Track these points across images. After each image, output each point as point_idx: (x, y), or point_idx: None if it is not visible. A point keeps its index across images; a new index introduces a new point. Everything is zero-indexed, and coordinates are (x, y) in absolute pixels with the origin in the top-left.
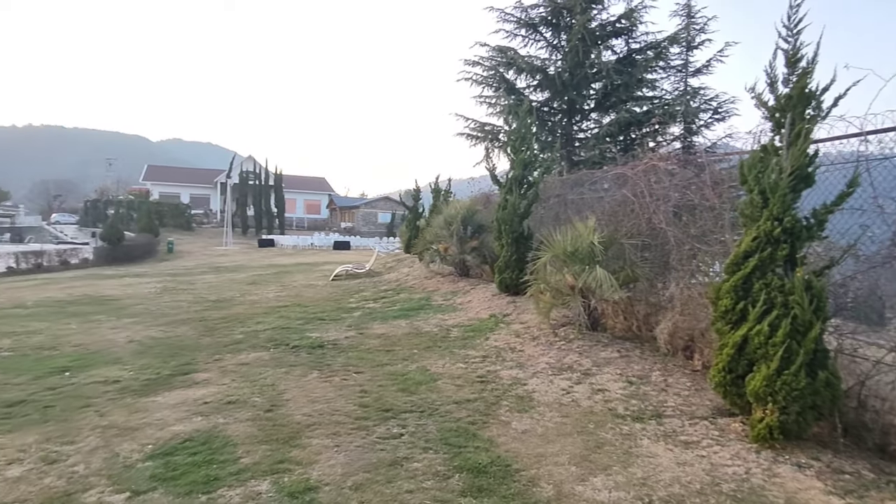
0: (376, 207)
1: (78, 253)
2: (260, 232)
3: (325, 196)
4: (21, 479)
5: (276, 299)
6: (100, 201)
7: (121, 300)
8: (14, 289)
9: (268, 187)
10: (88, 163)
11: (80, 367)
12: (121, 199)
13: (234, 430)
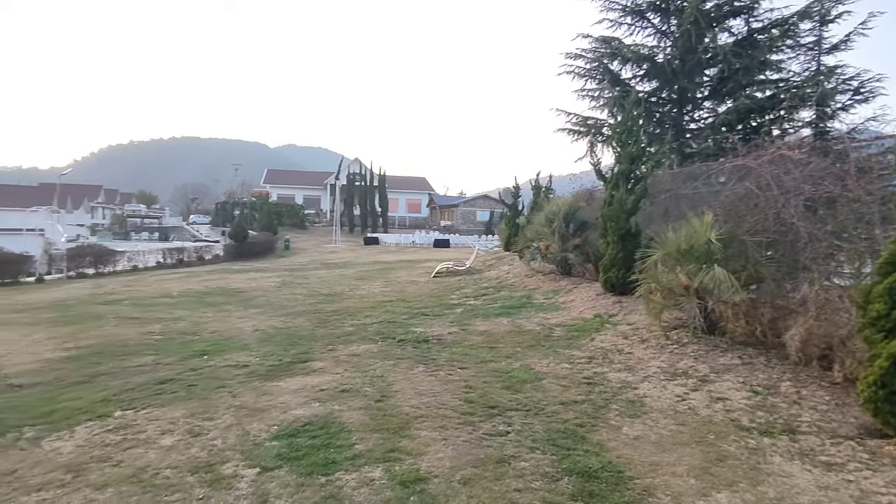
0: (475, 206)
1: (211, 249)
2: (365, 230)
3: (425, 195)
4: (172, 449)
5: (381, 294)
6: (228, 203)
7: (247, 292)
8: (162, 281)
9: (372, 188)
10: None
11: (215, 351)
12: (245, 200)
13: (348, 418)
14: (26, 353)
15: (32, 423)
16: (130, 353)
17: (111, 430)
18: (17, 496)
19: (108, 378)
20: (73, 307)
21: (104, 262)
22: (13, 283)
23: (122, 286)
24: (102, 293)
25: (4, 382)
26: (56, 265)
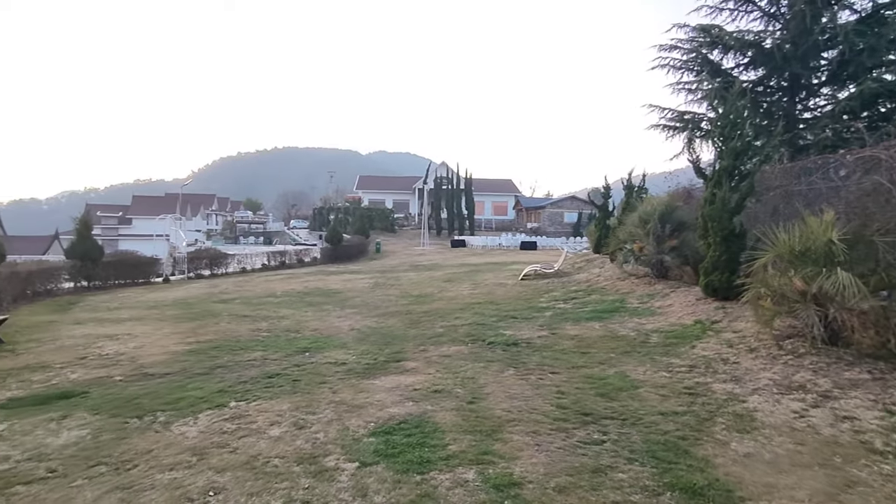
0: (562, 207)
1: (309, 252)
2: (452, 233)
3: (511, 197)
4: (279, 439)
5: (470, 296)
6: (324, 209)
7: (343, 293)
8: (267, 281)
9: (458, 191)
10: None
11: (316, 348)
12: (339, 206)
13: (441, 418)
14: (157, 346)
15: (164, 408)
16: (242, 349)
17: (227, 419)
18: (153, 473)
19: (224, 371)
20: (193, 305)
21: (218, 265)
22: (145, 283)
23: (234, 286)
24: (217, 292)
25: (141, 372)
26: (179, 267)
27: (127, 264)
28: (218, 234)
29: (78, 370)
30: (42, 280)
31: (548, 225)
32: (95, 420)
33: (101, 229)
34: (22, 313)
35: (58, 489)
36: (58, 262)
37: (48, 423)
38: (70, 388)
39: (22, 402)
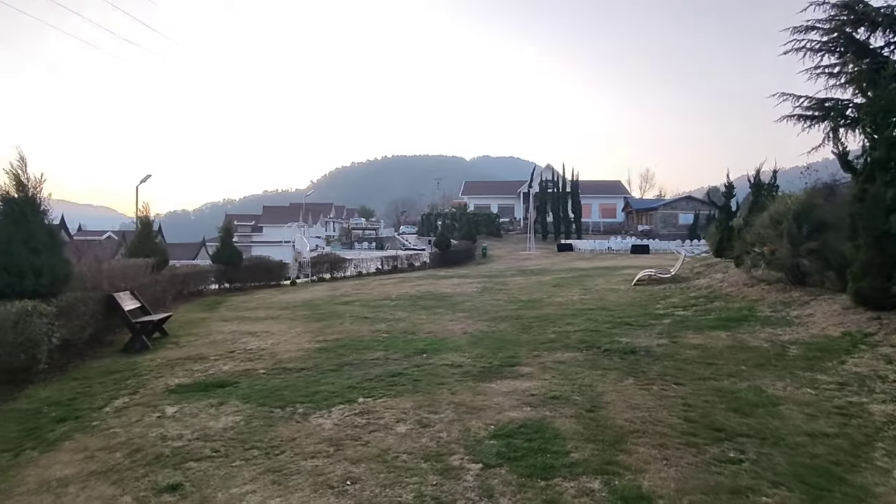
0: (677, 208)
1: (419, 257)
2: (558, 237)
3: (619, 199)
4: (406, 436)
5: (580, 302)
6: (431, 214)
7: (453, 297)
8: (381, 285)
9: (565, 194)
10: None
11: (433, 350)
12: (446, 211)
13: (560, 425)
14: (292, 343)
15: (302, 400)
16: (365, 348)
17: (357, 414)
18: (298, 460)
19: (351, 368)
20: (319, 306)
21: (337, 269)
22: (276, 285)
23: (352, 289)
24: (338, 295)
25: (280, 366)
26: (304, 270)
27: (261, 268)
28: (335, 240)
29: (229, 363)
30: (194, 282)
31: (661, 227)
32: (246, 408)
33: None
34: (180, 311)
35: (222, 467)
36: (206, 266)
37: (209, 408)
38: (224, 378)
39: (188, 388)
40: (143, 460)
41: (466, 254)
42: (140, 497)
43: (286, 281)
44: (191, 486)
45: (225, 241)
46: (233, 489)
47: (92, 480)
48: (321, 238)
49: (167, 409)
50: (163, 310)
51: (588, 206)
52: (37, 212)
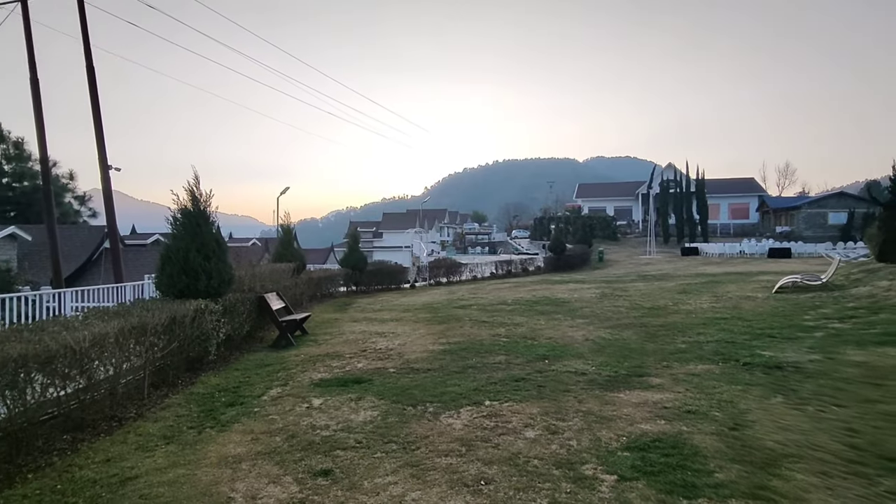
0: (825, 206)
1: (533, 262)
2: (682, 240)
3: (753, 198)
4: (535, 441)
5: (711, 310)
6: (544, 218)
7: (571, 303)
8: (497, 289)
9: (689, 194)
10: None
11: (554, 356)
12: (559, 215)
13: (700, 441)
14: (417, 345)
15: (432, 400)
16: (487, 352)
17: (485, 416)
18: (433, 456)
19: (475, 371)
20: (439, 310)
21: (453, 273)
22: (396, 288)
23: (468, 293)
24: (456, 298)
25: (409, 366)
26: (421, 274)
27: (383, 272)
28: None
29: (362, 360)
30: (326, 285)
31: (804, 228)
32: (381, 404)
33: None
34: (315, 311)
35: (366, 458)
36: (335, 269)
37: (349, 402)
38: (359, 375)
39: (329, 383)
40: (299, 446)
41: (581, 258)
42: (299, 478)
43: (406, 284)
44: (340, 473)
45: (352, 247)
46: (377, 479)
47: (259, 460)
48: (436, 243)
49: (314, 400)
50: (301, 310)
51: (715, 206)
52: (207, 222)
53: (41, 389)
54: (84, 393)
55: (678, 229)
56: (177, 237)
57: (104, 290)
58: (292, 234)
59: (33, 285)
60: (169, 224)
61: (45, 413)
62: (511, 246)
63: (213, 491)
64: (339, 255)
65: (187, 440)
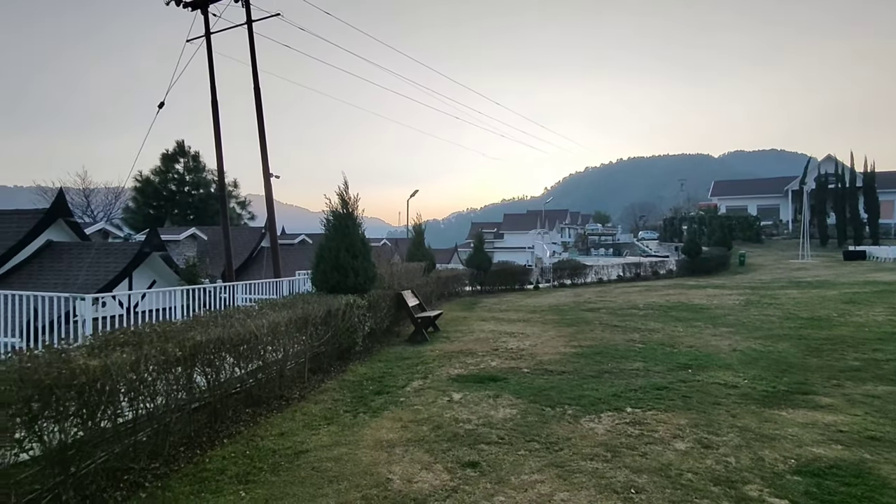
0: None
1: (664, 264)
2: (843, 242)
3: None
4: (687, 454)
5: (889, 323)
6: (675, 219)
7: (710, 309)
8: (625, 293)
9: (853, 189)
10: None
11: (698, 366)
12: (692, 215)
13: (889, 473)
14: (548, 346)
15: (569, 402)
16: (622, 357)
17: (628, 423)
18: (577, 459)
19: (611, 376)
20: (566, 312)
21: (577, 275)
22: (520, 289)
23: (595, 296)
24: (582, 301)
25: (542, 367)
26: (545, 276)
27: (507, 273)
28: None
29: (495, 359)
30: (452, 284)
31: None
32: (519, 403)
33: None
34: (444, 309)
35: (509, 453)
36: (461, 269)
37: (487, 398)
38: (494, 373)
39: (466, 379)
40: (445, 436)
41: (719, 261)
42: (448, 467)
43: (529, 285)
44: (487, 466)
45: (477, 247)
46: (523, 475)
47: (411, 447)
48: (557, 244)
49: (454, 394)
50: (431, 308)
51: (889, 203)
52: (355, 224)
53: (230, 368)
54: (260, 372)
55: (839, 230)
56: (329, 237)
57: (265, 283)
58: (423, 235)
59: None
60: (322, 225)
61: (233, 389)
62: (638, 248)
63: (373, 471)
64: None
65: (345, 422)
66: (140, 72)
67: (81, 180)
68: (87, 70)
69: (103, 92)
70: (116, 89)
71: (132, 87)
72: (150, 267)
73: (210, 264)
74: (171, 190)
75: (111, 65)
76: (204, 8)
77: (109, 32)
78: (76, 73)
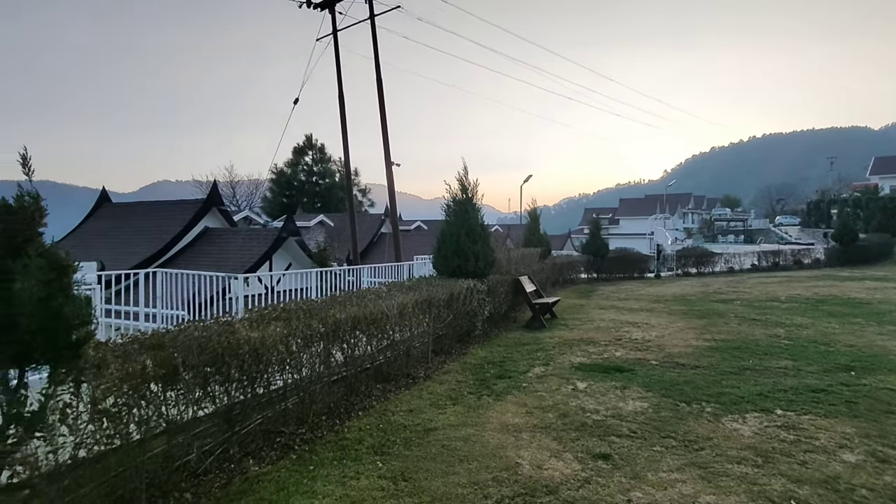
0: None
1: (809, 253)
2: None
3: None
4: (858, 467)
5: None
6: (821, 202)
7: (871, 304)
8: (762, 284)
9: None
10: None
11: (862, 368)
12: (843, 197)
13: None
14: (677, 338)
15: (707, 399)
16: (765, 354)
17: (780, 427)
18: (721, 461)
19: (754, 374)
20: (693, 302)
21: (703, 263)
22: (639, 278)
23: (726, 286)
24: (711, 291)
25: (671, 360)
26: (666, 264)
27: (625, 260)
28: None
29: (619, 349)
30: (567, 271)
31: None
32: (649, 396)
33: None
34: (559, 295)
35: (643, 449)
36: (577, 256)
37: (614, 389)
38: (619, 363)
39: (590, 368)
40: (572, 425)
41: (879, 250)
42: (578, 457)
43: (649, 274)
44: (620, 459)
45: (593, 233)
46: (661, 473)
47: (537, 433)
48: (679, 230)
49: (578, 383)
50: (547, 294)
51: None
52: (474, 209)
53: (363, 345)
54: (388, 351)
55: None
56: (449, 222)
57: (387, 267)
58: (538, 221)
59: (339, 262)
60: (442, 211)
61: (366, 365)
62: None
63: (501, 454)
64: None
65: (470, 403)
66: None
67: (228, 173)
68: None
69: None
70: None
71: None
72: (287, 251)
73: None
74: (301, 180)
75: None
76: (331, 7)
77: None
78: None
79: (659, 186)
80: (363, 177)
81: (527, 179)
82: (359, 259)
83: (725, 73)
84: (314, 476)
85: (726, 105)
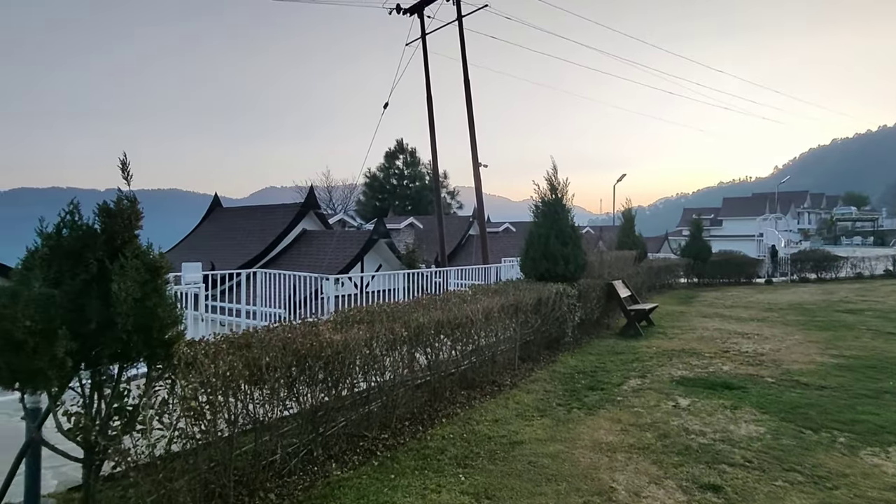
0: None
1: None
2: None
3: None
4: None
5: None
6: None
7: None
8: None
9: None
10: None
11: None
12: None
13: None
14: (796, 353)
15: (839, 427)
16: None
17: None
18: (858, 501)
19: (895, 399)
20: (814, 312)
21: (825, 268)
22: (746, 283)
23: (854, 294)
24: (836, 300)
25: (791, 378)
26: (779, 269)
27: (731, 264)
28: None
29: (727, 363)
30: (664, 275)
31: None
32: (766, 419)
33: None
34: (657, 302)
35: (762, 482)
36: (675, 259)
37: (723, 409)
38: (727, 379)
39: (693, 383)
40: (674, 448)
41: None
42: (683, 486)
43: (759, 279)
44: (733, 493)
45: (694, 235)
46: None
47: (634, 454)
48: (793, 231)
49: (679, 399)
50: (642, 300)
51: None
52: (564, 210)
53: (448, 350)
54: (473, 356)
55: None
56: (538, 224)
57: (474, 269)
58: (633, 222)
59: (427, 263)
60: (530, 212)
61: (450, 370)
62: None
63: (593, 475)
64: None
65: (558, 416)
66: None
67: (325, 178)
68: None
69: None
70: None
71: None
72: (377, 252)
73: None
74: (393, 184)
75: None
76: (420, 12)
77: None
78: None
79: (768, 184)
80: (452, 179)
81: (620, 179)
82: (446, 261)
83: (851, 58)
84: (395, 486)
85: (847, 93)
